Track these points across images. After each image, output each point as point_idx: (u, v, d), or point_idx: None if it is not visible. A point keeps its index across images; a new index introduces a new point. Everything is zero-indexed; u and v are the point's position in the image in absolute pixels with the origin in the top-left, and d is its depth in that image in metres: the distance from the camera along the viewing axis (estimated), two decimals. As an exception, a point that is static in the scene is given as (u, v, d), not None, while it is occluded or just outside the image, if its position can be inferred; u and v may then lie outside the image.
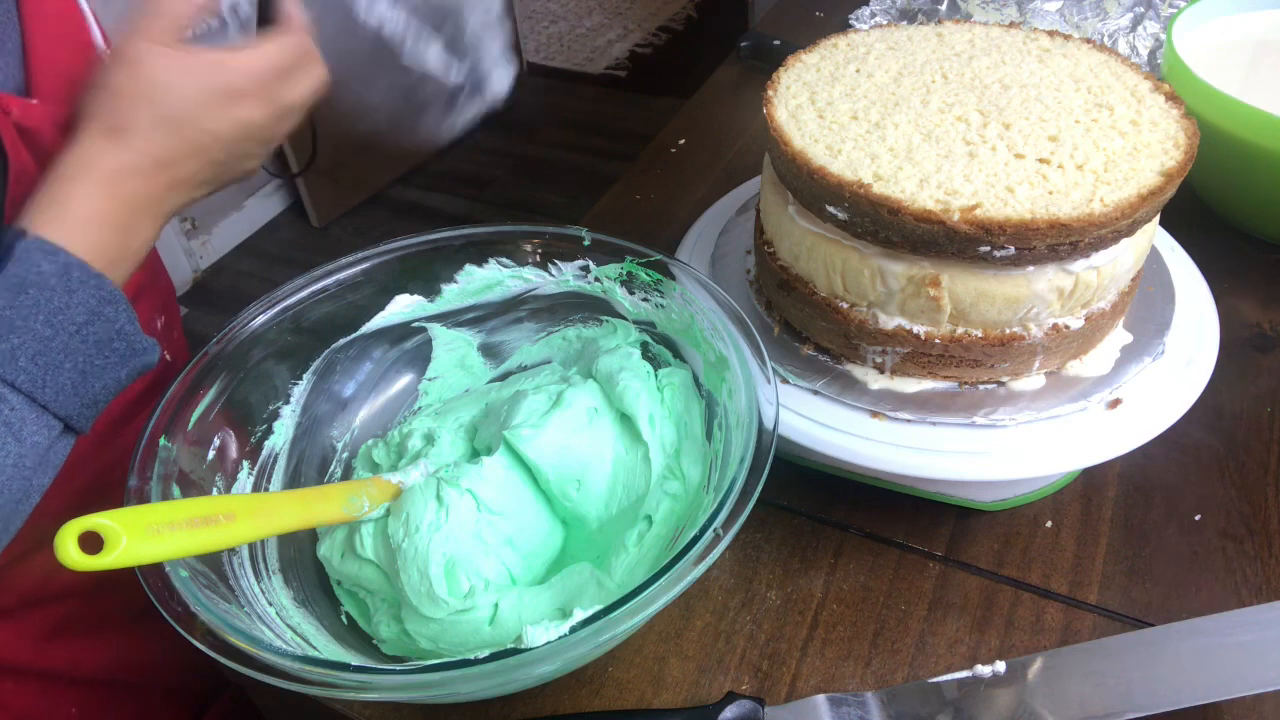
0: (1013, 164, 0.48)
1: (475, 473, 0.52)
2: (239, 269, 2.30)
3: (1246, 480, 0.59)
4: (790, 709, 0.47)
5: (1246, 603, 0.52)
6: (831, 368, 0.55)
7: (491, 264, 0.59)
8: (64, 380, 0.42)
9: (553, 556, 0.54)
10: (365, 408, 0.61)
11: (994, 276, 0.48)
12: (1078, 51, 0.57)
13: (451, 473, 0.52)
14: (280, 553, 0.52)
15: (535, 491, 0.54)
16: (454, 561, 0.49)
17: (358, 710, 0.50)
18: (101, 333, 0.43)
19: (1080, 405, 0.52)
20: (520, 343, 0.64)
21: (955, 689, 0.48)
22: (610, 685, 0.51)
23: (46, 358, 0.41)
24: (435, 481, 0.52)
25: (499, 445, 0.53)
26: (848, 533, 0.58)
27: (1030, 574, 0.55)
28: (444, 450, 0.56)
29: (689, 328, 0.56)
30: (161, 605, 0.41)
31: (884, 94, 0.54)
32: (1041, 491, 0.57)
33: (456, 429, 0.58)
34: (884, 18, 1.01)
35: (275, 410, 0.56)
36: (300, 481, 0.57)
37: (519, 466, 0.53)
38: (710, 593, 0.55)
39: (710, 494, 0.50)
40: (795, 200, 0.53)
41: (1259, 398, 0.63)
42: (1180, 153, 0.49)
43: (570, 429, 0.53)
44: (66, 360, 0.42)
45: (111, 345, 0.44)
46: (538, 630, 0.39)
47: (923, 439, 0.51)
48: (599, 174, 2.42)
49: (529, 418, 0.53)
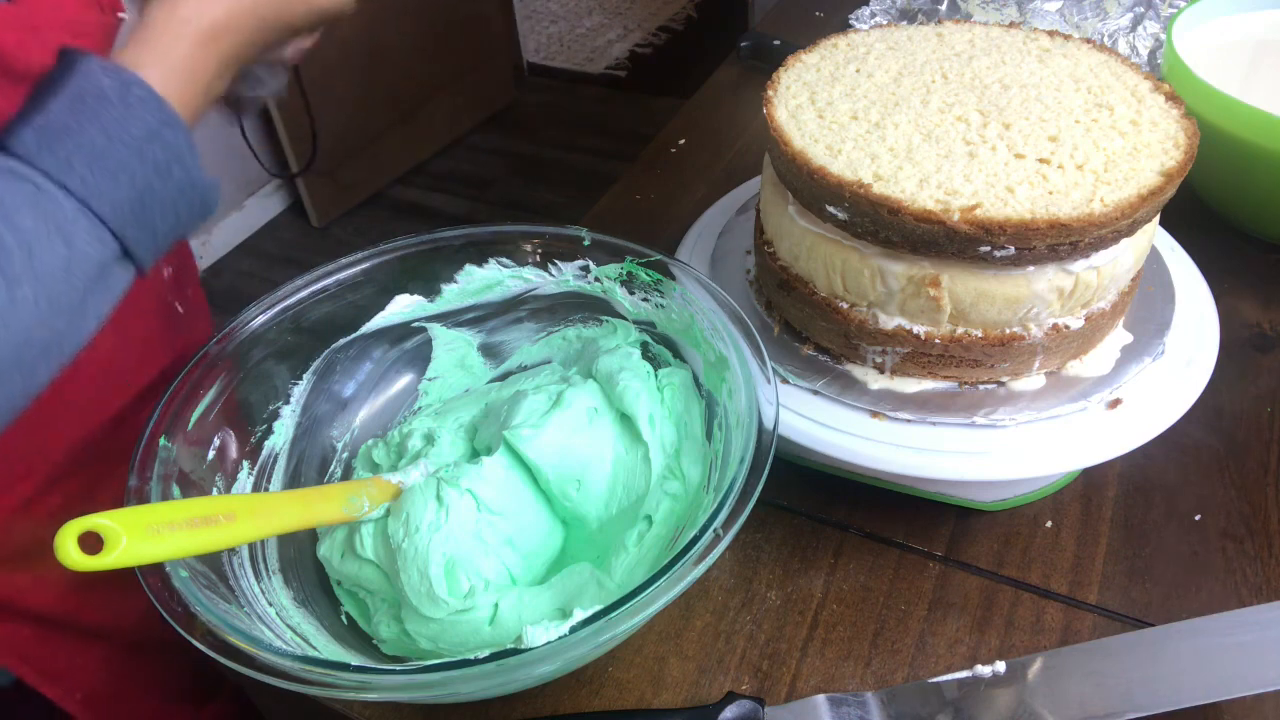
0: (1013, 164, 0.48)
1: (475, 473, 0.52)
2: (239, 269, 2.30)
3: (1246, 480, 0.59)
4: (790, 709, 0.47)
5: (1246, 603, 0.52)
6: (831, 368, 0.55)
7: (491, 264, 0.59)
8: (121, 196, 0.40)
9: (553, 556, 0.54)
10: (365, 408, 0.61)
11: (994, 276, 0.48)
12: (1078, 51, 0.57)
13: (451, 473, 0.52)
14: (280, 553, 0.52)
15: (535, 491, 0.54)
16: (454, 561, 0.49)
17: (358, 710, 0.50)
18: (161, 155, 0.41)
19: (1080, 405, 0.52)
20: (520, 343, 0.64)
21: (955, 689, 0.48)
22: (610, 685, 0.51)
23: (103, 166, 0.39)
24: (435, 481, 0.52)
25: (499, 445, 0.53)
26: (848, 533, 0.58)
27: (1030, 574, 0.55)
28: (444, 450, 0.56)
29: (689, 328, 0.56)
30: (161, 605, 0.41)
31: (884, 94, 0.54)
32: (1041, 491, 0.57)
33: (456, 429, 0.58)
34: (884, 18, 1.01)
35: (275, 410, 0.56)
36: (300, 481, 0.57)
37: (519, 466, 0.53)
38: (710, 593, 0.55)
39: (710, 494, 0.50)
40: (795, 200, 0.53)
41: (1259, 398, 0.63)
42: (1180, 153, 0.49)
43: (570, 429, 0.53)
44: (123, 174, 0.40)
45: (170, 172, 0.41)
46: (538, 630, 0.39)
47: (923, 439, 0.51)
48: (599, 174, 2.41)
49: (529, 418, 0.53)
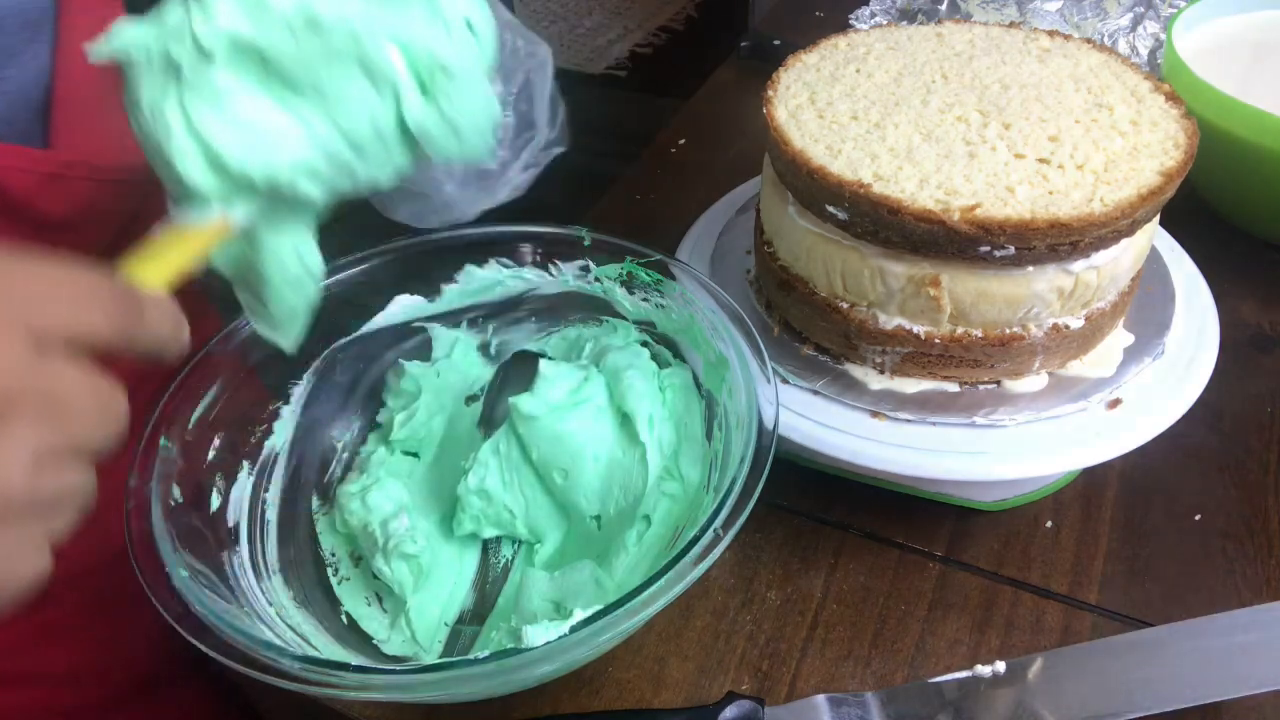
0: (1013, 164, 0.48)
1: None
2: (239, 269, 2.29)
3: (1246, 480, 0.59)
4: (790, 709, 0.47)
5: (1246, 603, 0.52)
6: (831, 368, 0.55)
7: (492, 264, 0.59)
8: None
9: (558, 540, 0.55)
10: (365, 408, 0.61)
11: (994, 276, 0.48)
12: (1078, 51, 0.57)
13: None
14: (280, 553, 0.52)
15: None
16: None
17: (358, 710, 0.50)
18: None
19: (1080, 405, 0.52)
20: (520, 343, 0.64)
21: (955, 689, 0.48)
22: (610, 685, 0.51)
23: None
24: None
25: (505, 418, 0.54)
26: (848, 533, 0.58)
27: (1030, 574, 0.55)
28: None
29: (689, 328, 0.56)
30: (161, 605, 0.41)
31: (884, 94, 0.54)
32: (1041, 491, 0.57)
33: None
34: (884, 18, 1.01)
35: (275, 410, 0.56)
36: (300, 481, 0.57)
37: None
38: (710, 593, 0.55)
39: (710, 494, 0.50)
40: (795, 200, 0.53)
41: (1259, 398, 0.63)
42: (1180, 153, 0.49)
43: (568, 417, 0.53)
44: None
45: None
46: (538, 630, 0.39)
47: (923, 439, 0.51)
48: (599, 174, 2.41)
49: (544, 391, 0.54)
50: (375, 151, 0.38)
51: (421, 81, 0.37)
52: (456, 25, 0.38)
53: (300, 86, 0.35)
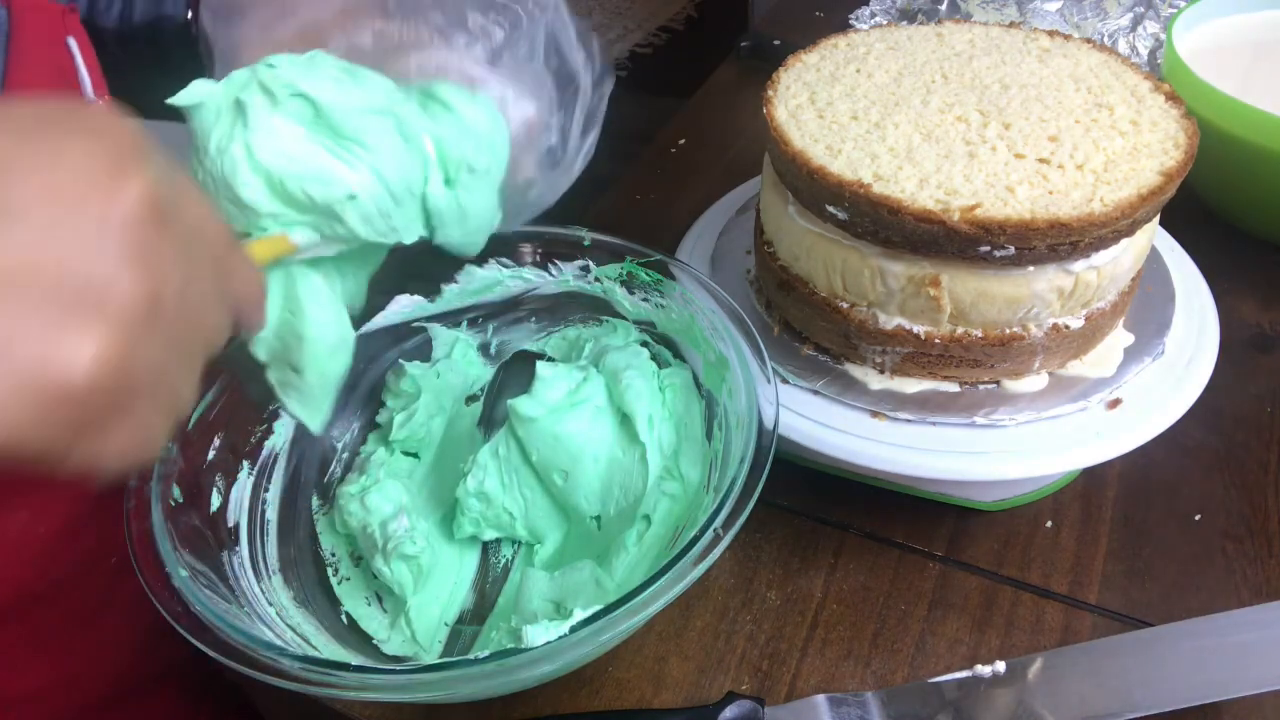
0: (1013, 164, 0.48)
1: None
2: (239, 269, 2.29)
3: (1246, 480, 0.59)
4: (790, 709, 0.47)
5: (1246, 603, 0.52)
6: (831, 368, 0.55)
7: (492, 264, 0.59)
8: None
9: (559, 538, 0.55)
10: (365, 408, 0.61)
11: (994, 276, 0.48)
12: (1078, 51, 0.57)
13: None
14: (280, 553, 0.52)
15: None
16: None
17: (358, 710, 0.50)
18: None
19: (1080, 405, 0.52)
20: (521, 343, 0.64)
21: (955, 689, 0.48)
22: (610, 685, 0.51)
23: None
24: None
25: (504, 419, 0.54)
26: (848, 533, 0.58)
27: (1030, 574, 0.55)
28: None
29: (689, 328, 0.56)
30: (162, 605, 0.41)
31: (884, 94, 0.54)
32: (1041, 491, 0.57)
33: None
34: (884, 18, 1.01)
35: (275, 410, 0.56)
36: (300, 481, 0.57)
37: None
38: (710, 593, 0.55)
39: (710, 494, 0.50)
40: (795, 200, 0.53)
41: (1259, 398, 0.63)
42: (1180, 153, 0.49)
43: (568, 419, 0.53)
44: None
45: None
46: (538, 630, 0.39)
47: (923, 439, 0.51)
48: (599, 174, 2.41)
49: (544, 391, 0.54)
50: (407, 208, 0.42)
51: (447, 173, 0.43)
52: (484, 138, 0.43)
53: (347, 135, 0.40)
